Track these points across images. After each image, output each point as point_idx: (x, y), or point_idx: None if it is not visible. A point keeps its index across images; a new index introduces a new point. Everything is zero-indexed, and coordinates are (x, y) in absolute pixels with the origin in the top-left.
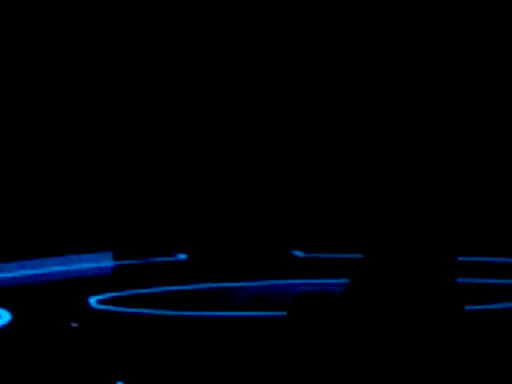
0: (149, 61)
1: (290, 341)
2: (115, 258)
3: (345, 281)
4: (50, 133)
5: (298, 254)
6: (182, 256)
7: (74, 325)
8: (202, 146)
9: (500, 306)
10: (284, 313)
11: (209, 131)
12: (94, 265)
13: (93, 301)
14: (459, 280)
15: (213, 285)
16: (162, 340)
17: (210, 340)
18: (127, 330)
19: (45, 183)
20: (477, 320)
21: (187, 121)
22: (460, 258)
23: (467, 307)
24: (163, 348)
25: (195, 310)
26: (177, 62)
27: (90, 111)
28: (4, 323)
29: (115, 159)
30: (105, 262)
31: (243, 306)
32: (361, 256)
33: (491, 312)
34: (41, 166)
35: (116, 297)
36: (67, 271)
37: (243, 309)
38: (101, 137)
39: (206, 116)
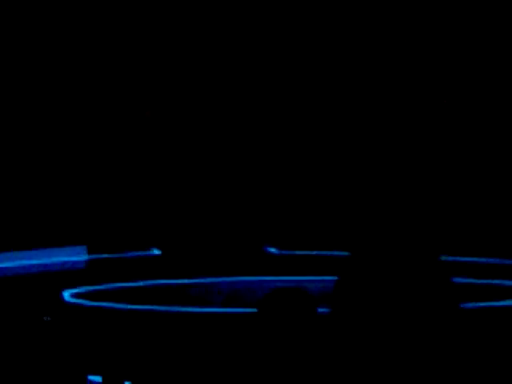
0: (148, 61)
1: (262, 337)
2: (90, 252)
3: (318, 278)
4: (25, 129)
5: (272, 250)
6: (156, 251)
7: (46, 318)
8: (177, 141)
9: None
10: (255, 309)
11: (182, 127)
12: (69, 258)
13: (66, 294)
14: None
15: (187, 280)
16: (135, 334)
17: (183, 335)
18: (101, 324)
19: (19, 177)
20: (473, 318)
21: (160, 117)
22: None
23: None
24: (136, 342)
25: (168, 305)
26: (176, 62)
27: (70, 108)
28: None
29: (90, 154)
30: (79, 255)
31: (216, 302)
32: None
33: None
34: (16, 160)
35: (90, 291)
36: (41, 265)
37: (216, 305)
38: (76, 132)
39: (180, 112)
